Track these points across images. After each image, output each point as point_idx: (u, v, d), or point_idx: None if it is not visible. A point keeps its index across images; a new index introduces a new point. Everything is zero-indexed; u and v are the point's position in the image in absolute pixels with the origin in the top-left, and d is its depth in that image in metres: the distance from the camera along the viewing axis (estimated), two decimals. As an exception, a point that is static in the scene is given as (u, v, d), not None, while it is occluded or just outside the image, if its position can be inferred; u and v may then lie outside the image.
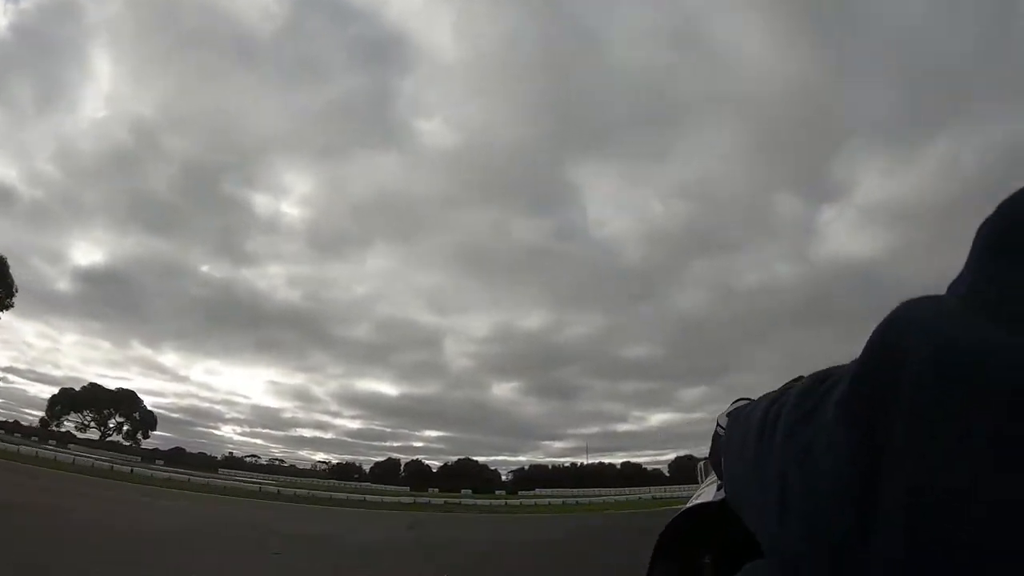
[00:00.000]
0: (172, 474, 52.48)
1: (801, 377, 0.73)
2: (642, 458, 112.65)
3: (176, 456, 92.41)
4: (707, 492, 0.96)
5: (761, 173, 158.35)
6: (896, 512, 0.31)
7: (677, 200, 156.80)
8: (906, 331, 0.35)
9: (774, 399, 0.51)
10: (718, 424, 0.78)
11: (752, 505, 0.50)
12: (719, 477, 0.74)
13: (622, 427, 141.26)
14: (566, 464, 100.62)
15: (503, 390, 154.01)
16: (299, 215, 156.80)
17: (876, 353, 0.36)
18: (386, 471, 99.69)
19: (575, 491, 76.91)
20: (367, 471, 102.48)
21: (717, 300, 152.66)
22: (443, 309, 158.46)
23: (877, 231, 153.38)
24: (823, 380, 0.43)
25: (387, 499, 51.63)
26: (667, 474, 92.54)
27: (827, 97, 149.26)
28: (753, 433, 0.51)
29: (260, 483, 57.50)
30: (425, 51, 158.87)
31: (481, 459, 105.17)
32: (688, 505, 1.00)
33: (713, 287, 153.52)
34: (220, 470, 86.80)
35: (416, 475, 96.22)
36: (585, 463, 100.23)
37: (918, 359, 0.32)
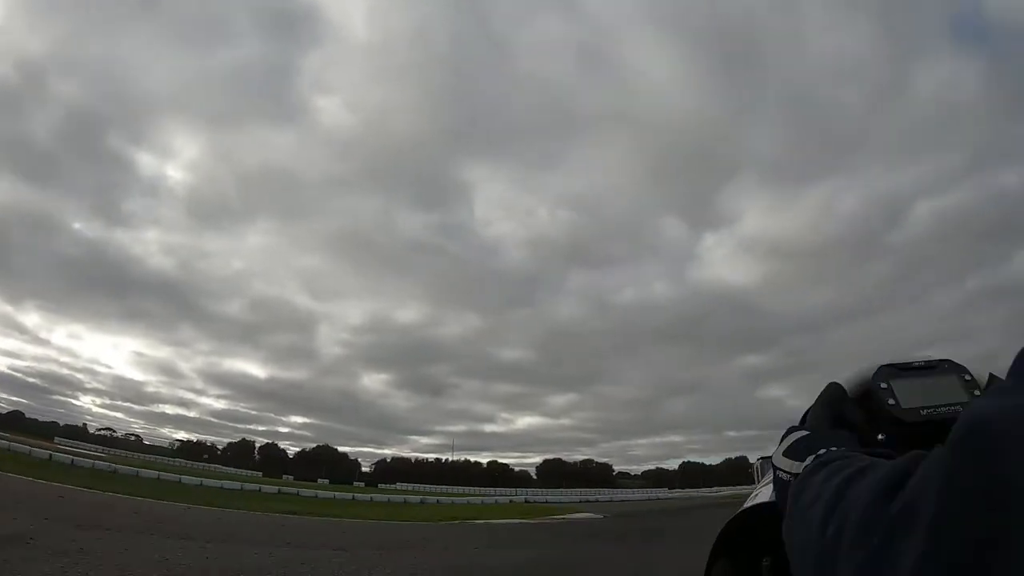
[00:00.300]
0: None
1: (837, 384, 0.80)
2: (508, 459, 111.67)
3: (13, 420, 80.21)
4: (764, 492, 0.92)
5: (650, 194, 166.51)
6: None
7: (565, 210, 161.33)
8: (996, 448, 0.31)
9: (834, 497, 0.47)
10: (777, 467, 0.72)
11: None
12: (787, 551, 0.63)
13: (489, 427, 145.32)
14: (430, 459, 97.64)
15: (373, 381, 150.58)
16: (183, 180, 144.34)
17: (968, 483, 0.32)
18: (239, 453, 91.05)
19: (438, 487, 73.82)
20: (219, 451, 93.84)
21: (593, 311, 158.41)
22: (320, 294, 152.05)
23: (753, 262, 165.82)
24: (888, 495, 0.39)
25: (208, 482, 45.49)
26: (535, 476, 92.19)
27: (724, 132, 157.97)
28: (813, 544, 0.47)
29: (52, 452, 49.10)
30: (334, 28, 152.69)
31: (344, 449, 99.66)
32: (746, 506, 0.98)
33: (590, 298, 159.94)
34: (56, 439, 75.43)
35: (270, 460, 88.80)
36: (451, 459, 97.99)
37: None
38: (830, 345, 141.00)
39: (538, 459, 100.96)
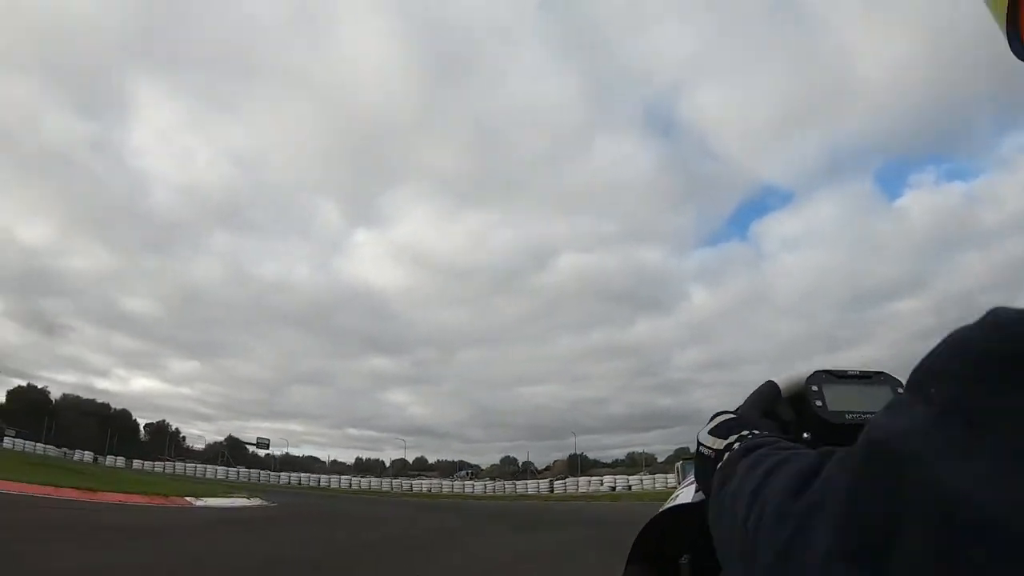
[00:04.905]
0: None
1: (772, 383, 0.86)
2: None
3: None
4: (686, 493, 0.95)
5: (317, 173, 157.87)
6: None
7: (226, 164, 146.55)
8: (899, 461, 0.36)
9: (754, 490, 0.51)
10: (700, 443, 0.75)
11: None
12: (705, 493, 0.70)
13: (101, 383, 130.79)
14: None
15: None
16: None
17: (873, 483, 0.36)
18: None
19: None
20: None
21: (230, 278, 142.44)
22: None
23: (398, 269, 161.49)
24: (798, 492, 0.44)
25: None
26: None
27: (408, 137, 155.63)
28: (737, 534, 0.51)
29: None
30: None
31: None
32: (666, 506, 0.98)
33: (230, 264, 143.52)
34: None
35: None
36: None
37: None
38: (456, 365, 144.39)
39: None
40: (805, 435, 0.81)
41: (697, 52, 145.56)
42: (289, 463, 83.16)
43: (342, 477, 67.94)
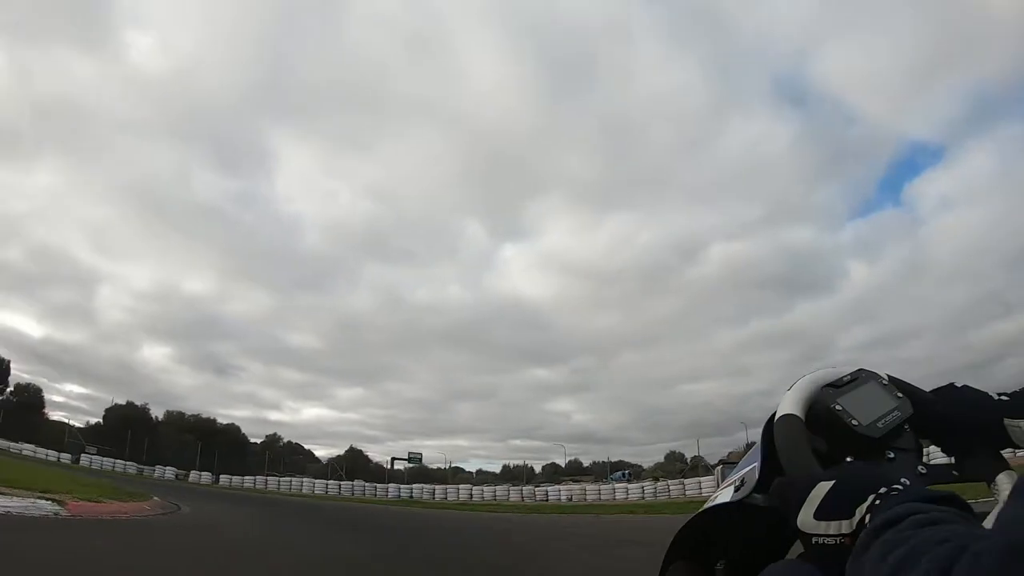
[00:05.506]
0: None
1: (795, 416, 0.76)
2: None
3: None
4: (725, 493, 0.91)
5: (456, 195, 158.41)
6: None
7: (368, 199, 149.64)
8: None
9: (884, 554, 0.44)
10: (812, 534, 0.62)
11: None
12: None
13: (274, 415, 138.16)
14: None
15: (155, 354, 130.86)
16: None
17: None
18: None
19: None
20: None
21: (385, 306, 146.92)
22: (105, 250, 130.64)
23: (548, 279, 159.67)
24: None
25: None
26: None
27: (541, 147, 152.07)
28: None
29: None
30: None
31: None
32: (706, 507, 0.95)
33: (383, 293, 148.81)
34: None
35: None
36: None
37: None
38: (614, 368, 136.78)
39: (330, 452, 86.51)
40: (848, 459, 0.73)
41: (818, 10, 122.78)
42: (423, 475, 75.51)
43: (460, 487, 58.68)
